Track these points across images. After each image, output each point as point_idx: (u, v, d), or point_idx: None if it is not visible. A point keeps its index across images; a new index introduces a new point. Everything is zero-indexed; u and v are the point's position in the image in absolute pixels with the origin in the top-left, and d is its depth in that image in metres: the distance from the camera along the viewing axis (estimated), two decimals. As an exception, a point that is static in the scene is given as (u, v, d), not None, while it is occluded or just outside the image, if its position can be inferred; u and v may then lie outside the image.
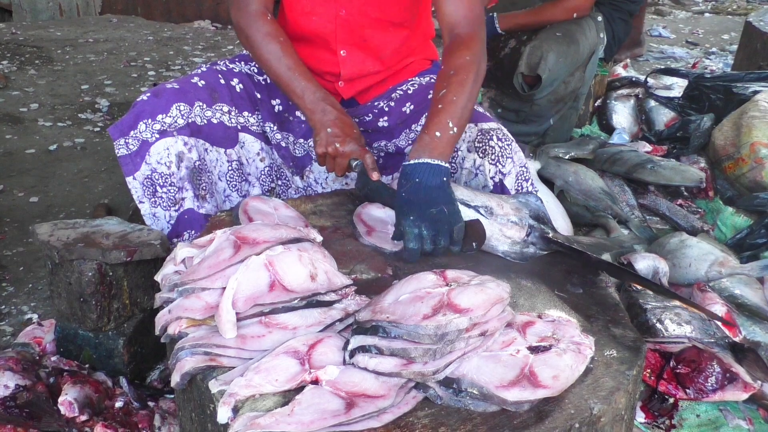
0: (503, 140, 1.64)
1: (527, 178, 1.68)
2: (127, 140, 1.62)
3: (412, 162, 1.41)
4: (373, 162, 1.57)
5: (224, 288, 1.09)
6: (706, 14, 7.35)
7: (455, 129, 1.46)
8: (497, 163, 1.62)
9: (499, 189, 1.63)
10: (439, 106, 1.48)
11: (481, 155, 1.63)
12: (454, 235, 1.34)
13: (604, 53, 3.03)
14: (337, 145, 1.59)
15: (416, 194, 1.38)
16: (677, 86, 3.36)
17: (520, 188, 1.66)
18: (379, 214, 1.50)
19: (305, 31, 1.77)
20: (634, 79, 3.54)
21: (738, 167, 2.56)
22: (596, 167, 2.66)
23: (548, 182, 2.56)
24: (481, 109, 1.74)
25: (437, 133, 1.43)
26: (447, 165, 1.41)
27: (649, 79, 3.43)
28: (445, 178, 1.40)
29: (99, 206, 2.66)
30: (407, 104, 1.82)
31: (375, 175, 1.55)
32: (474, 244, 1.36)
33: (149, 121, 1.62)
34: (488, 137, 1.63)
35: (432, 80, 1.87)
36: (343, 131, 1.61)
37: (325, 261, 1.20)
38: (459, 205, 1.38)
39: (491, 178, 1.63)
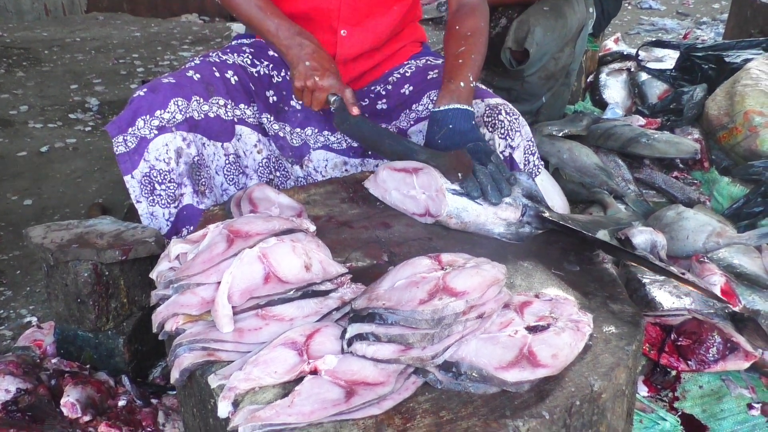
0: (511, 114, 1.67)
1: (533, 152, 1.71)
2: (125, 137, 1.59)
3: (442, 108, 1.51)
4: (353, 96, 1.59)
5: (219, 282, 1.08)
6: (696, -16, 7.30)
7: (473, 82, 1.59)
8: (507, 137, 1.64)
9: (509, 163, 1.65)
10: (460, 60, 1.60)
11: (491, 129, 1.65)
12: (493, 159, 1.43)
13: (594, 29, 3.01)
14: (316, 78, 1.59)
15: (451, 138, 1.48)
16: (669, 58, 3.35)
17: (527, 162, 1.69)
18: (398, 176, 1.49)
19: (307, 8, 1.76)
20: (625, 53, 3.53)
21: (732, 137, 2.55)
22: (590, 143, 2.65)
23: (543, 160, 2.55)
24: (483, 87, 1.76)
25: (461, 83, 1.55)
26: (472, 109, 1.55)
27: (640, 52, 3.42)
28: (473, 122, 1.53)
29: (93, 206, 2.65)
30: (406, 86, 1.82)
31: (355, 110, 1.58)
32: (459, 174, 1.38)
33: (147, 117, 1.59)
34: (497, 112, 1.65)
35: (428, 62, 1.89)
36: (321, 65, 1.60)
37: (320, 251, 1.20)
38: (449, 194, 1.38)
39: (501, 152, 1.65)
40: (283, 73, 1.83)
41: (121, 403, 1.52)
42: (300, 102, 1.81)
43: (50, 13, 6.14)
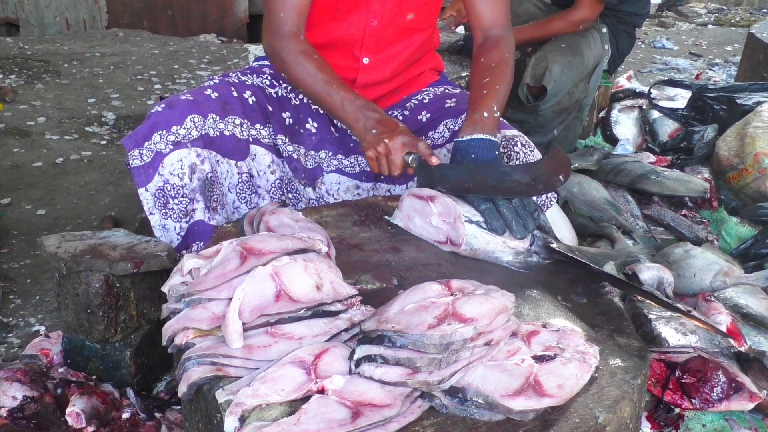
0: (527, 146, 1.70)
1: None
2: (141, 151, 1.62)
3: (465, 138, 1.50)
4: (428, 147, 1.53)
5: (231, 298, 1.10)
6: (710, 26, 7.38)
7: (498, 113, 1.59)
8: None
9: None
10: (484, 91, 1.60)
11: (506, 160, 1.68)
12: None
13: (609, 65, 3.04)
14: (386, 140, 1.54)
15: None
16: (681, 97, 3.38)
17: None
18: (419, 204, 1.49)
19: (331, 37, 1.79)
20: (637, 90, 3.56)
21: (742, 177, 2.57)
22: (600, 178, 2.67)
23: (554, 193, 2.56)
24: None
25: (485, 114, 1.55)
26: (497, 140, 1.53)
27: (652, 90, 3.44)
28: (497, 152, 1.51)
29: (106, 218, 2.68)
30: (423, 113, 1.85)
31: (434, 160, 1.50)
32: (561, 177, 1.35)
33: (164, 132, 1.62)
34: (513, 143, 1.69)
35: (446, 90, 1.93)
36: (388, 128, 1.57)
37: (331, 271, 1.21)
38: (466, 223, 1.39)
39: None
40: (300, 96, 1.86)
41: (125, 415, 1.52)
42: (315, 125, 1.84)
43: (71, 28, 6.24)
